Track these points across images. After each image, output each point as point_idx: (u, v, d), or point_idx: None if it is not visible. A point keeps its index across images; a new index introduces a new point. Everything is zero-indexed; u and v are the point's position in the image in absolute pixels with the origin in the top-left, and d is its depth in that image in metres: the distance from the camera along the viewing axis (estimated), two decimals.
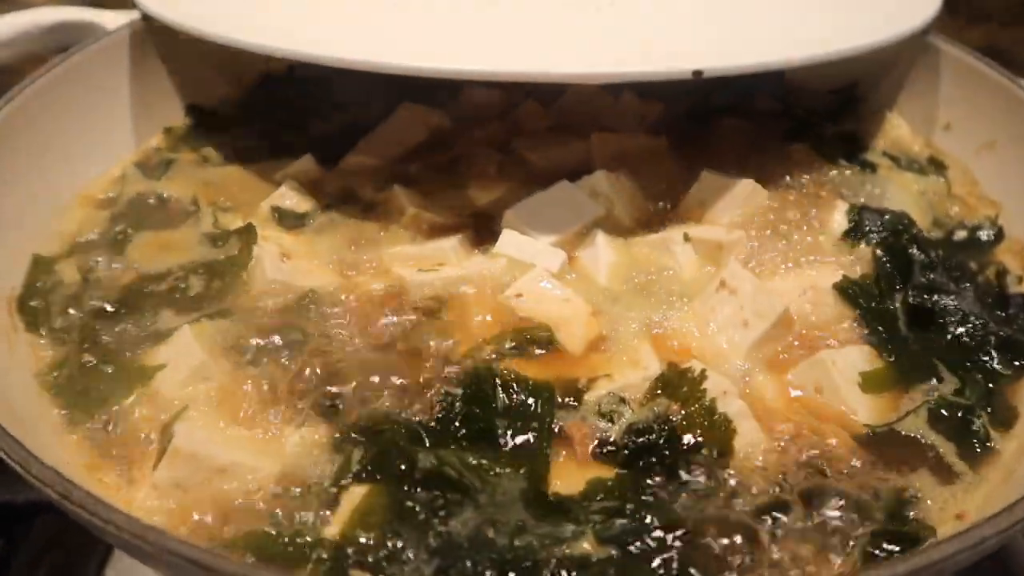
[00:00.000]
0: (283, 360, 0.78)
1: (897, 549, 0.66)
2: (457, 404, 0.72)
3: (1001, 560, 0.98)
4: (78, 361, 0.80)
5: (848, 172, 1.03)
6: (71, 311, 0.86)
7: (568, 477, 0.71)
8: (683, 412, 0.73)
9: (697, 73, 0.85)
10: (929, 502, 0.71)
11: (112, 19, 1.11)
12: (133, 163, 1.07)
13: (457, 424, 0.71)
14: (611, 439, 0.73)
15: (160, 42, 1.10)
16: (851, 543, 0.67)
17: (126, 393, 0.77)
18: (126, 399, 0.76)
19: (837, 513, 0.69)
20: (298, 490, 0.68)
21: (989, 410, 0.78)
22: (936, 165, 1.07)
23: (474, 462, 0.67)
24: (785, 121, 1.15)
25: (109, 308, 0.85)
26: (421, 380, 0.76)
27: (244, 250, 0.90)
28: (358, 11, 0.95)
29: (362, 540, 0.63)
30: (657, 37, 0.89)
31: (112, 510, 0.56)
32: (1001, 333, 0.84)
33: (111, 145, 1.06)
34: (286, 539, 0.65)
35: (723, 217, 0.95)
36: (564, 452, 0.73)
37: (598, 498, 0.69)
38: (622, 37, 0.89)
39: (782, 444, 0.74)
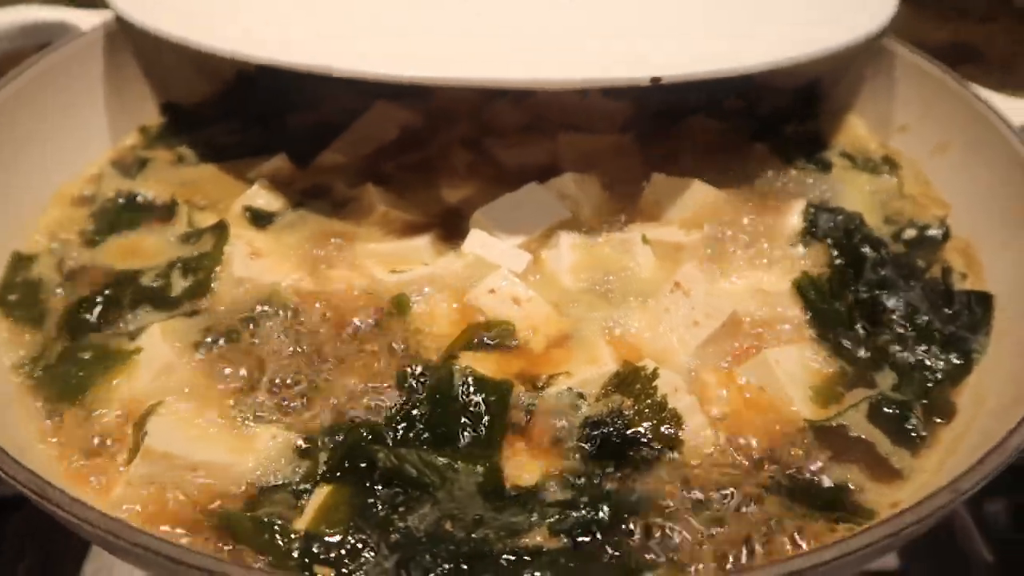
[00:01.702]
0: (252, 359, 0.81)
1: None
2: (419, 404, 0.76)
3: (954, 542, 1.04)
4: (54, 354, 0.83)
5: (805, 172, 1.07)
6: (48, 306, 0.89)
7: (525, 470, 0.75)
8: (635, 407, 0.77)
9: (655, 80, 0.88)
10: (867, 493, 0.75)
11: (86, 18, 1.12)
12: (109, 161, 1.09)
13: (419, 424, 0.75)
14: (568, 432, 0.77)
15: (135, 41, 1.12)
16: (794, 531, 0.72)
17: (101, 386, 0.80)
18: (101, 393, 0.79)
19: (780, 500, 0.74)
20: (271, 485, 0.71)
21: (926, 405, 0.82)
22: (890, 165, 1.10)
23: (433, 460, 0.70)
24: (749, 121, 1.19)
25: (86, 304, 0.88)
26: (386, 380, 0.79)
27: (216, 248, 0.92)
28: (329, 16, 0.97)
29: (327, 537, 0.66)
30: (615, 43, 0.91)
31: (87, 508, 0.59)
32: (946, 331, 0.88)
33: (87, 144, 1.08)
34: (257, 529, 0.68)
35: (676, 217, 0.98)
36: (523, 446, 0.77)
37: (553, 490, 0.72)
38: (581, 43, 0.91)
39: (728, 437, 0.78)
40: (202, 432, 0.74)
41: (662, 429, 0.76)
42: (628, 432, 0.76)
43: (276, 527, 0.67)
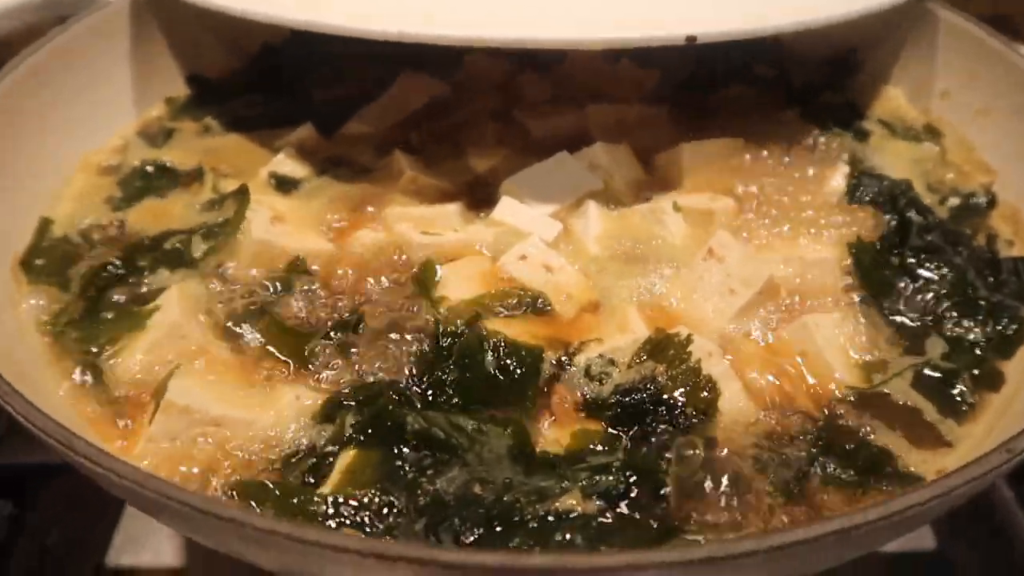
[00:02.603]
0: (273, 321, 0.80)
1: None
2: (449, 369, 0.74)
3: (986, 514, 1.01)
4: (78, 310, 0.83)
5: (842, 140, 1.04)
6: (74, 270, 0.88)
7: (555, 436, 0.73)
8: (669, 373, 0.75)
9: (691, 39, 0.85)
10: (911, 460, 0.73)
11: None
12: (135, 132, 1.09)
13: (449, 389, 0.73)
14: (600, 398, 0.75)
15: (159, 12, 1.11)
16: (836, 496, 0.69)
17: (123, 346, 0.79)
18: (123, 353, 0.78)
19: (821, 466, 0.71)
20: (294, 447, 0.70)
21: (976, 373, 0.79)
22: (932, 132, 1.06)
23: (461, 422, 0.68)
24: (782, 89, 1.15)
25: (110, 267, 0.87)
26: (414, 344, 0.77)
27: (238, 212, 0.91)
28: None
29: (353, 500, 0.64)
30: (651, 3, 0.89)
31: (114, 459, 0.58)
32: (994, 299, 0.85)
33: (112, 115, 1.07)
34: (282, 491, 0.67)
35: (708, 183, 0.95)
36: (553, 412, 0.75)
37: (584, 455, 0.70)
38: (614, 3, 0.89)
39: (767, 404, 0.75)
40: (223, 390, 0.73)
41: (697, 395, 0.74)
42: (661, 398, 0.74)
43: (301, 491, 0.65)
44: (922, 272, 0.86)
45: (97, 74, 1.06)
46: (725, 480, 0.67)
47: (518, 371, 0.74)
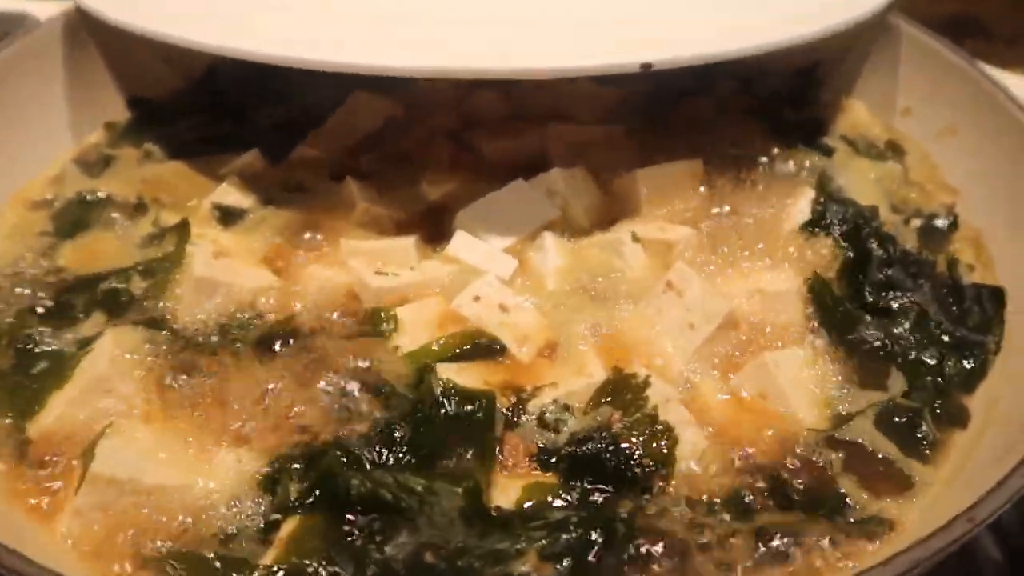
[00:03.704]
0: (214, 372, 0.76)
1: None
2: (400, 424, 0.71)
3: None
4: (3, 363, 0.78)
5: (806, 158, 1.01)
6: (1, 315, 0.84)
7: (510, 488, 0.71)
8: (625, 421, 0.72)
9: (646, 66, 0.83)
10: (876, 504, 0.71)
11: (43, 8, 1.06)
12: (72, 160, 1.04)
13: (401, 446, 0.70)
14: (554, 448, 0.72)
15: (98, 33, 1.06)
16: (799, 548, 0.67)
17: (50, 400, 0.74)
18: (49, 407, 0.74)
19: (783, 515, 0.69)
20: (236, 515, 0.67)
21: (940, 411, 0.77)
22: (894, 150, 1.05)
23: (410, 483, 0.65)
24: (746, 104, 1.13)
25: (40, 311, 0.83)
26: (364, 397, 0.74)
27: (178, 247, 0.88)
28: (301, 4, 0.91)
29: (298, 571, 0.61)
30: (604, 29, 0.86)
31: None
32: (957, 333, 0.84)
33: (47, 143, 1.02)
34: (222, 564, 0.63)
35: (668, 211, 0.93)
36: (506, 463, 0.72)
37: (541, 512, 0.68)
38: (567, 29, 0.86)
39: (725, 450, 0.73)
40: (157, 452, 0.69)
41: (653, 444, 0.71)
42: (617, 448, 0.71)
43: (242, 564, 0.62)
44: (883, 308, 0.84)
45: (29, 100, 1.02)
46: (688, 537, 0.65)
47: (473, 422, 0.71)
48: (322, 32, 0.88)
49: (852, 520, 0.69)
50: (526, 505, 0.69)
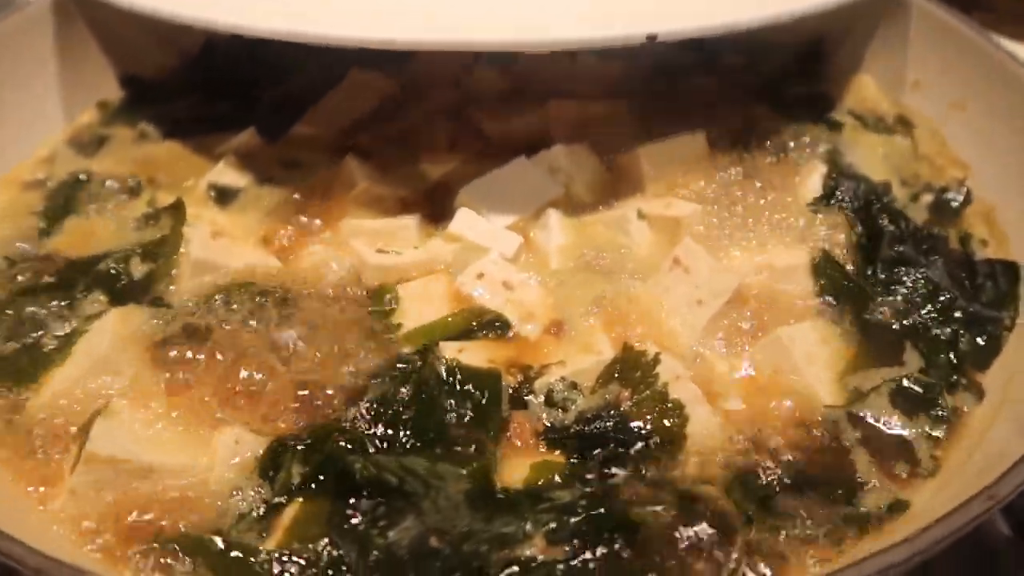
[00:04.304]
0: (213, 352, 0.74)
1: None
2: (405, 405, 0.69)
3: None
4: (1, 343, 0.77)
5: (813, 134, 0.99)
6: None
7: (517, 467, 0.69)
8: (634, 399, 0.71)
9: (651, 37, 0.81)
10: (891, 484, 0.69)
11: None
12: (64, 141, 1.01)
13: (406, 428, 0.68)
14: (561, 426, 0.71)
15: (88, 10, 1.03)
16: (809, 531, 0.66)
17: (48, 379, 0.73)
18: (46, 386, 0.73)
19: (795, 496, 0.68)
20: (232, 494, 0.65)
21: (953, 387, 0.76)
22: (903, 124, 1.03)
23: (414, 466, 0.64)
24: (751, 79, 1.11)
25: (37, 291, 0.81)
26: (367, 377, 0.72)
27: (174, 229, 0.86)
28: None
29: (299, 556, 0.60)
30: (609, 1, 0.84)
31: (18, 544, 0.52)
32: (971, 309, 0.82)
33: (39, 123, 1.00)
34: (225, 546, 0.62)
35: (674, 186, 0.91)
36: (513, 443, 0.71)
37: (548, 493, 0.66)
38: (573, 1, 0.84)
39: (738, 428, 0.71)
40: (155, 431, 0.67)
41: (663, 422, 0.70)
42: (626, 426, 0.70)
43: (244, 547, 0.61)
44: (895, 285, 0.82)
45: (20, 79, 0.99)
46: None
47: (478, 400, 0.70)
48: (318, 5, 0.86)
49: (868, 498, 0.67)
50: (534, 484, 0.67)
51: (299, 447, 0.66)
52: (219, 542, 0.62)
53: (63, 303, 0.80)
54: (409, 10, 0.84)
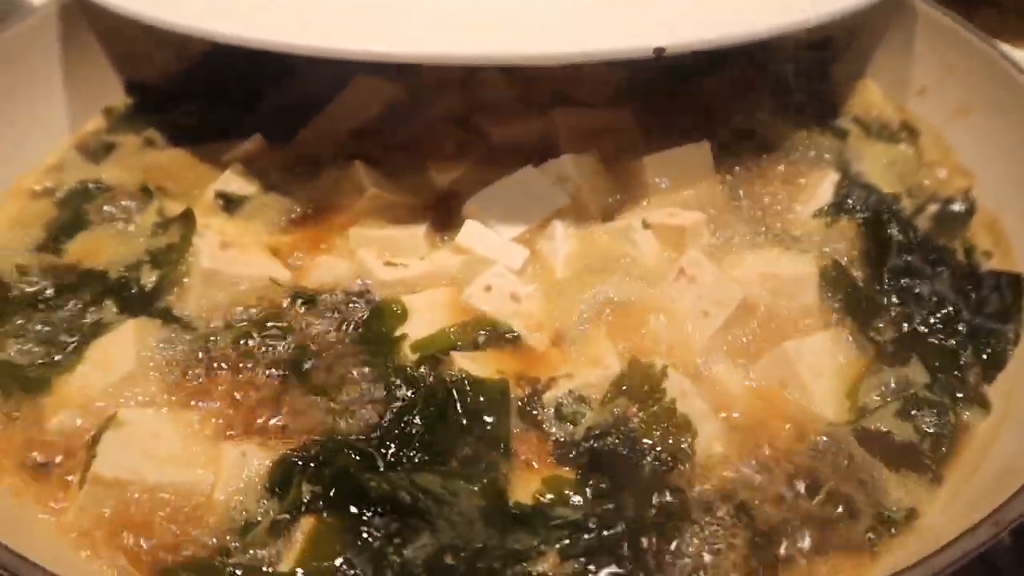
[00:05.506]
0: (222, 364, 0.75)
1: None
2: (413, 419, 0.70)
3: None
4: (11, 351, 0.78)
5: (820, 142, 0.99)
6: (9, 306, 0.82)
7: (528, 482, 0.70)
8: (642, 415, 0.71)
9: (659, 51, 0.81)
10: (895, 499, 0.70)
11: None
12: (72, 147, 1.01)
13: (415, 443, 0.69)
14: (571, 441, 0.72)
15: (93, 16, 1.03)
16: (815, 548, 0.67)
17: (57, 388, 0.74)
18: (56, 395, 0.73)
19: (805, 512, 0.68)
20: (240, 512, 0.66)
21: (958, 401, 0.76)
22: (908, 131, 1.03)
23: (427, 483, 0.64)
24: (756, 84, 1.11)
25: (46, 301, 0.82)
26: (375, 392, 0.73)
27: (183, 239, 0.86)
28: None
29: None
30: (615, 12, 0.84)
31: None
32: (975, 321, 0.82)
33: (45, 131, 1.00)
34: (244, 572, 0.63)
35: (679, 195, 0.91)
36: (527, 456, 0.71)
37: (561, 509, 0.67)
38: (577, 13, 0.84)
39: (745, 443, 0.72)
40: (162, 449, 0.68)
41: (670, 440, 0.70)
42: (635, 443, 0.70)
43: (257, 573, 0.61)
44: (902, 295, 0.82)
45: (26, 87, 0.99)
46: (708, 535, 0.64)
47: (486, 410, 0.71)
48: (321, 17, 0.86)
49: (874, 511, 0.68)
50: (545, 499, 0.68)
51: (309, 463, 0.67)
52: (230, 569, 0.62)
53: (74, 312, 0.81)
54: (412, 23, 0.84)
